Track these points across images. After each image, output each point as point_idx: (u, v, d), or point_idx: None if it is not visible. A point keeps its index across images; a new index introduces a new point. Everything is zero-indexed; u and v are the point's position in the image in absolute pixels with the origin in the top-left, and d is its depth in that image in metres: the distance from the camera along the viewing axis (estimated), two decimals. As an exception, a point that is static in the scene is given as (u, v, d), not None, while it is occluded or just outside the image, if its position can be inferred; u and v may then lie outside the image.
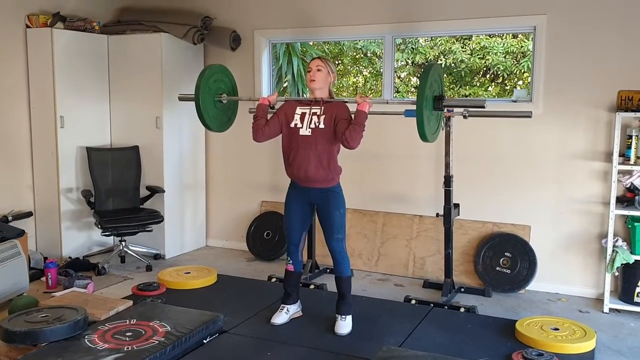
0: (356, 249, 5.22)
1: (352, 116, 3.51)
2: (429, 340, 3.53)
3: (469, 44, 7.95)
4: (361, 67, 8.97)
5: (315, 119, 3.52)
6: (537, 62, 4.61)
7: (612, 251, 4.23)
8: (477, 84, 8.21)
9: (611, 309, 4.28)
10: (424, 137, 3.47)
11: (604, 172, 4.46)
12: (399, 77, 8.42)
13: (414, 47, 8.01)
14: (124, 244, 5.25)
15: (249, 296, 4.27)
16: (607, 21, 4.36)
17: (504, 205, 4.80)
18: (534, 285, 4.66)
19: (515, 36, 7.65)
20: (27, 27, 5.10)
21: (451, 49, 7.89)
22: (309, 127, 3.52)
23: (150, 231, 5.20)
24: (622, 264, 4.19)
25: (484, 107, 3.68)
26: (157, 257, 5.52)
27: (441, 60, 7.91)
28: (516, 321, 3.67)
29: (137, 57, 5.46)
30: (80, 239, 5.43)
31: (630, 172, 4.26)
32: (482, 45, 7.78)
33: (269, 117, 3.68)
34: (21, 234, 4.53)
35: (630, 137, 4.18)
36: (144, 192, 5.46)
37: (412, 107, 3.47)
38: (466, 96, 7.91)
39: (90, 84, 5.43)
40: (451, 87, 8.10)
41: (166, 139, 5.44)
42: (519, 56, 7.67)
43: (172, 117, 5.46)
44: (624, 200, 4.31)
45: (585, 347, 3.35)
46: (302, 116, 3.56)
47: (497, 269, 4.68)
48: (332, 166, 3.57)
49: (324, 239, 3.63)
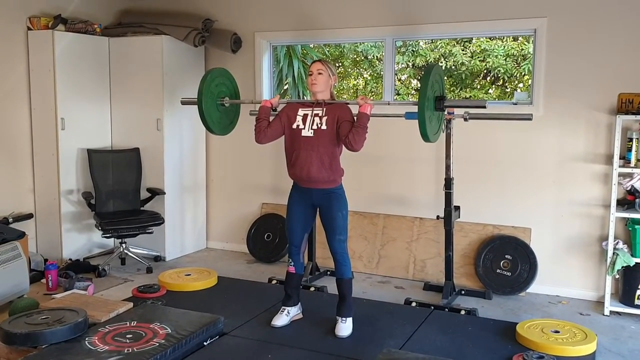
0: (357, 251, 5.22)
1: (354, 117, 3.52)
2: (430, 342, 3.52)
3: (470, 47, 7.95)
4: (362, 69, 8.98)
5: (317, 120, 3.53)
6: (537, 65, 4.61)
7: (613, 254, 4.23)
8: (478, 87, 8.21)
9: (612, 312, 4.28)
10: (425, 137, 3.48)
11: (604, 175, 4.46)
12: (400, 80, 8.42)
13: (414, 49, 8.02)
14: (124, 245, 5.25)
15: (250, 298, 4.26)
16: (608, 24, 4.36)
17: (505, 207, 4.80)
18: (534, 287, 4.66)
19: (515, 39, 7.65)
20: (29, 29, 5.11)
21: (452, 51, 7.89)
22: (311, 129, 3.53)
23: (150, 233, 5.20)
24: (622, 267, 4.19)
25: (484, 107, 3.69)
26: (158, 259, 5.52)
27: (442, 62, 7.91)
28: (517, 324, 3.67)
29: (138, 59, 5.47)
30: (80, 240, 5.43)
31: (630, 175, 4.26)
32: (482, 47, 7.78)
33: (271, 119, 3.69)
34: (22, 235, 4.52)
35: (630, 139, 4.19)
36: (144, 194, 5.47)
37: (414, 108, 3.48)
38: (466, 98, 7.90)
39: (91, 86, 5.44)
40: (452, 89, 8.10)
41: (167, 141, 5.44)
42: (520, 59, 7.67)
43: (172, 119, 5.46)
44: (625, 202, 4.31)
45: (586, 350, 3.35)
46: (305, 117, 3.57)
47: (498, 271, 4.68)
48: (334, 167, 3.57)
49: (326, 240, 3.62)
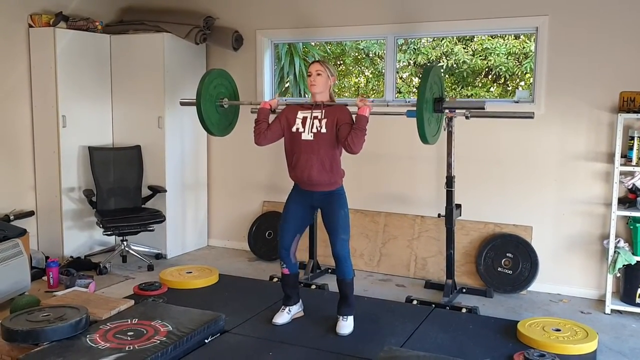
0: (358, 249, 5.22)
1: (354, 119, 3.51)
2: (431, 340, 3.53)
3: (471, 45, 7.95)
4: (363, 67, 8.97)
5: (317, 123, 3.52)
6: (539, 63, 4.61)
7: (614, 252, 4.22)
8: (479, 85, 8.20)
9: (613, 310, 4.28)
10: (424, 139, 3.48)
11: (605, 173, 4.45)
12: (401, 78, 8.42)
13: (415, 47, 8.01)
14: (125, 243, 5.25)
15: (251, 296, 4.27)
16: (609, 22, 4.35)
17: (506, 205, 4.80)
18: (535, 286, 4.66)
19: (517, 37, 7.64)
20: (30, 26, 5.11)
21: (453, 49, 7.89)
22: (311, 132, 3.52)
23: (151, 231, 5.20)
24: (623, 265, 4.19)
25: (483, 108, 3.70)
26: (159, 256, 5.52)
27: (443, 60, 7.91)
28: (518, 322, 3.67)
29: (139, 56, 5.47)
30: (81, 238, 5.44)
31: (632, 174, 4.25)
32: (484, 46, 7.78)
33: (271, 120, 3.68)
34: (23, 233, 4.52)
35: (632, 138, 4.18)
36: (145, 192, 5.46)
37: (414, 108, 3.48)
38: (468, 97, 7.90)
39: (92, 84, 5.44)
40: (453, 87, 8.09)
41: (168, 138, 5.44)
42: (521, 57, 7.66)
43: (174, 116, 5.46)
44: (626, 201, 4.30)
45: (587, 348, 3.35)
46: (304, 120, 3.56)
47: (499, 269, 4.68)
48: (335, 170, 3.57)
49: (330, 244, 3.58)
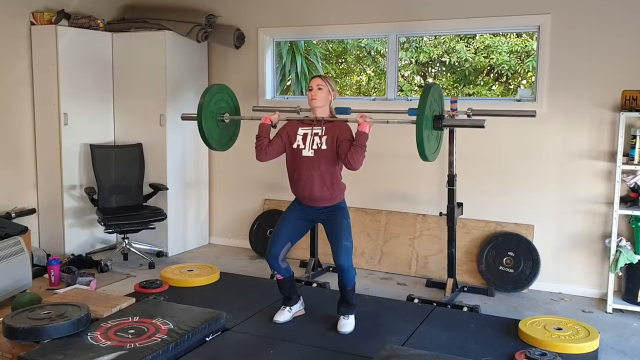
0: (359, 247, 5.22)
1: (354, 135, 3.50)
2: (432, 339, 3.53)
3: (473, 43, 7.94)
4: (365, 65, 8.97)
5: (317, 139, 3.53)
6: (541, 62, 4.60)
7: (616, 251, 4.22)
8: (481, 83, 8.20)
9: (614, 309, 4.27)
10: (424, 156, 3.47)
11: (607, 172, 4.44)
12: (403, 76, 8.41)
13: (418, 45, 8.00)
14: (126, 241, 5.25)
15: (252, 294, 4.27)
16: (612, 21, 4.34)
17: (508, 204, 4.79)
18: (537, 284, 4.65)
19: (519, 35, 7.64)
20: (32, 24, 5.11)
21: (455, 47, 7.88)
22: (312, 149, 3.52)
23: (153, 229, 5.20)
24: (625, 264, 4.18)
25: (483, 127, 3.67)
26: (160, 254, 5.52)
27: (445, 58, 7.91)
28: (519, 321, 3.67)
29: (141, 54, 5.46)
30: (83, 236, 5.44)
31: (634, 172, 4.24)
32: (486, 44, 7.77)
33: (272, 136, 3.67)
34: (24, 231, 4.53)
35: (634, 136, 4.16)
36: (147, 190, 5.46)
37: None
38: (470, 95, 7.89)
39: (94, 82, 5.43)
40: (455, 86, 8.08)
41: (170, 136, 5.44)
42: (523, 55, 7.65)
43: (175, 114, 5.44)
44: (628, 200, 4.29)
45: (588, 347, 3.35)
46: (304, 137, 3.57)
47: (500, 268, 4.67)
48: (336, 186, 3.58)
49: (332, 254, 3.54)
